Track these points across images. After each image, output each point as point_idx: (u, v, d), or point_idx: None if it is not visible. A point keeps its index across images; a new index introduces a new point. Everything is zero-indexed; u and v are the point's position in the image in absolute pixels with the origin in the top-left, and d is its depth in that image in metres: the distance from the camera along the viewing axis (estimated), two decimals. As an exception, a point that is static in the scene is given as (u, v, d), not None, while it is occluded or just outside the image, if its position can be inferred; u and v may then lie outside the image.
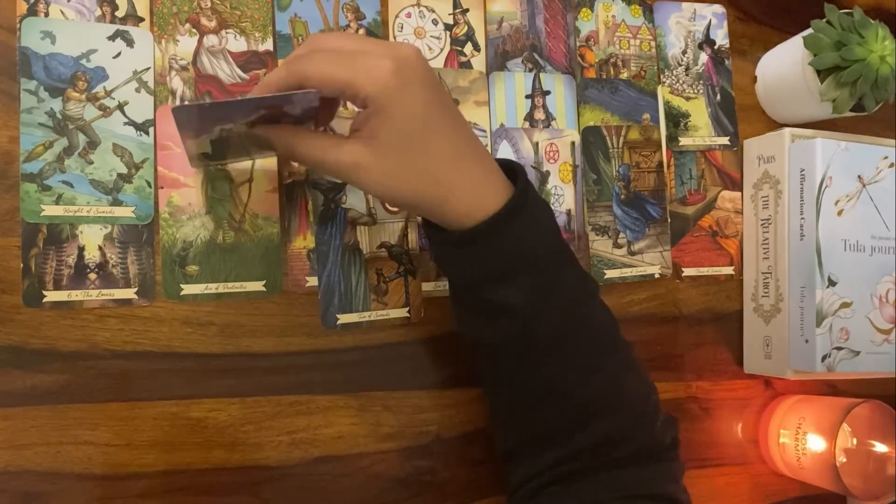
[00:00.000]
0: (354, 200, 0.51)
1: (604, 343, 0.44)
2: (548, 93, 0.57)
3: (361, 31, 0.53)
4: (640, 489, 0.43)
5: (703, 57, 0.62)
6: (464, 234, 0.40)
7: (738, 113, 0.62)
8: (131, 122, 0.48)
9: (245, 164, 0.50)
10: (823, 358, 0.54)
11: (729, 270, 0.61)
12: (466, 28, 0.56)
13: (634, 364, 0.46)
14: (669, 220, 0.59)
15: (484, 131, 0.55)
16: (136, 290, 0.47)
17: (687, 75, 0.61)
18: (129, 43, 0.48)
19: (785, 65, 0.60)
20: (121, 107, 0.47)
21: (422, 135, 0.39)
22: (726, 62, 0.63)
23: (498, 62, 0.56)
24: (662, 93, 0.60)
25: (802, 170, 0.56)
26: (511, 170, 0.42)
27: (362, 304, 0.51)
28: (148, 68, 0.48)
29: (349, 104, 0.49)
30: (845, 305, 0.56)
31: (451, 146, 0.40)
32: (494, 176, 0.41)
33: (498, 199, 0.40)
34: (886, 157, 0.57)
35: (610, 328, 0.45)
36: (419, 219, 0.51)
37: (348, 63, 0.37)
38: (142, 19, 0.48)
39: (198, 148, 0.44)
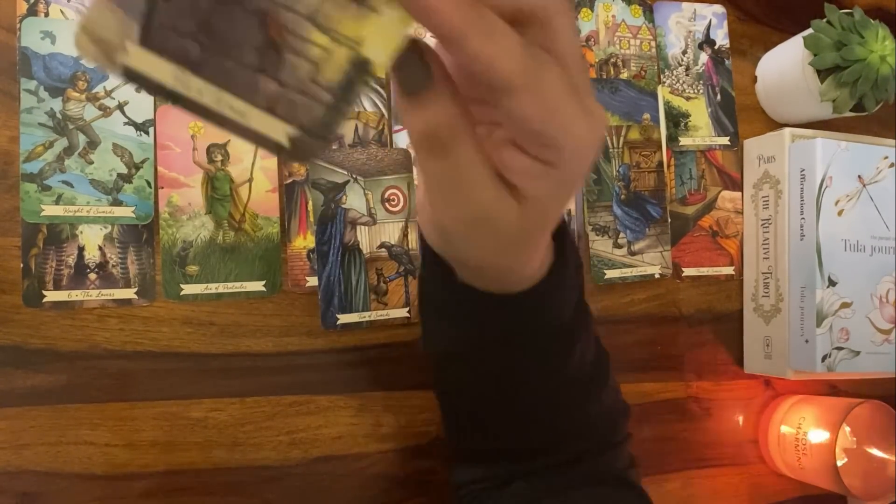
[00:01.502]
0: (354, 200, 0.51)
1: (583, 381, 0.40)
2: (548, 93, 0.57)
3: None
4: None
5: (704, 57, 0.62)
6: (513, 297, 0.33)
7: (738, 113, 0.62)
8: (131, 122, 0.48)
9: (245, 164, 0.50)
10: (823, 358, 0.54)
11: (729, 270, 0.61)
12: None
13: (612, 393, 0.42)
14: (669, 220, 0.59)
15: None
16: (136, 290, 0.47)
17: (687, 75, 0.61)
18: (129, 43, 0.48)
19: (785, 65, 0.60)
20: (121, 107, 0.47)
21: (562, 206, 0.30)
22: (726, 62, 0.62)
23: (498, 62, 0.56)
24: (662, 93, 0.60)
25: (802, 170, 0.56)
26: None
27: (362, 304, 0.51)
28: (148, 68, 0.48)
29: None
30: (845, 305, 0.56)
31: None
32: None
33: (544, 264, 0.34)
34: (886, 157, 0.57)
35: (597, 368, 0.41)
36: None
37: (572, 95, 0.24)
38: (142, 19, 0.48)
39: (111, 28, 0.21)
